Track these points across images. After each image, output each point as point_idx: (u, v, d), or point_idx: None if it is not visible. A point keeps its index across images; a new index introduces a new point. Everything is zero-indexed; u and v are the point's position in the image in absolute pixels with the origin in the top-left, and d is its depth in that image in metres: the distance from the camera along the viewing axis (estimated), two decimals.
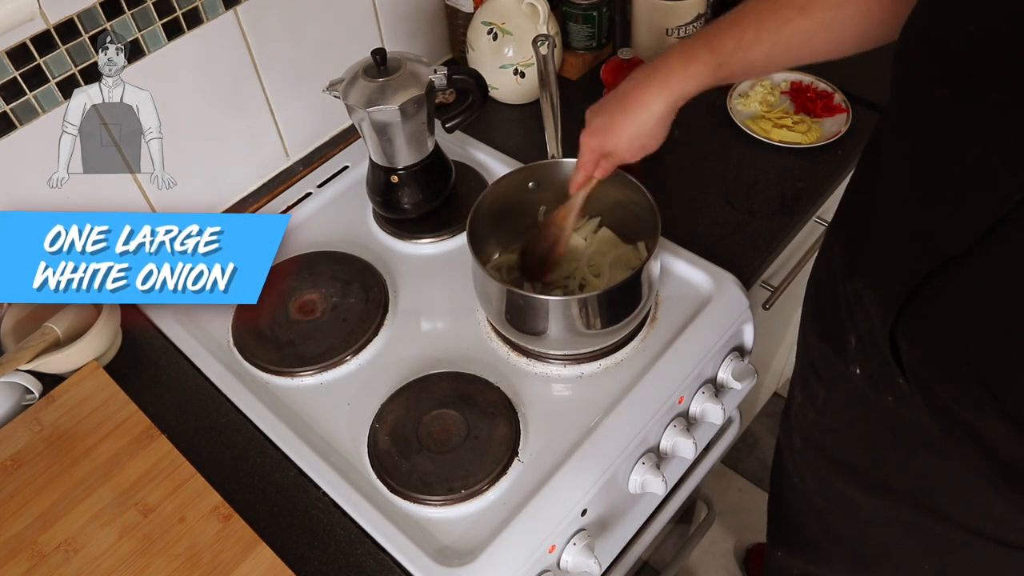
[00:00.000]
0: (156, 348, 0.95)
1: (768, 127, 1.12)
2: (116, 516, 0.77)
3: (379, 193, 1.02)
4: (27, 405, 0.88)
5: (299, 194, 1.10)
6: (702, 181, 1.08)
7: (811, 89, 1.16)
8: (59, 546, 0.75)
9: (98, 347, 0.90)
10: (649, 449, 0.88)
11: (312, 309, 0.96)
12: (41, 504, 0.78)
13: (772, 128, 1.12)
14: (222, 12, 0.95)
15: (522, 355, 0.90)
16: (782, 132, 1.11)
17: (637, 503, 0.91)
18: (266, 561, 0.74)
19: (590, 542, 0.81)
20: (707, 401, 0.91)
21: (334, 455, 0.85)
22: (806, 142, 1.10)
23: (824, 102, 1.15)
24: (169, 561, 0.74)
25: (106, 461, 0.81)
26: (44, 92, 0.84)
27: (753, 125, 1.13)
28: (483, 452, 0.82)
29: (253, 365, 0.92)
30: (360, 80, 0.92)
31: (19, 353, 0.85)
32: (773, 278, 1.09)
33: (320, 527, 0.80)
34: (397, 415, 0.85)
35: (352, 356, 0.91)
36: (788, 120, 1.13)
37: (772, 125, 1.12)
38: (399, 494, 0.80)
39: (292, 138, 1.13)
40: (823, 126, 1.12)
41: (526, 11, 1.13)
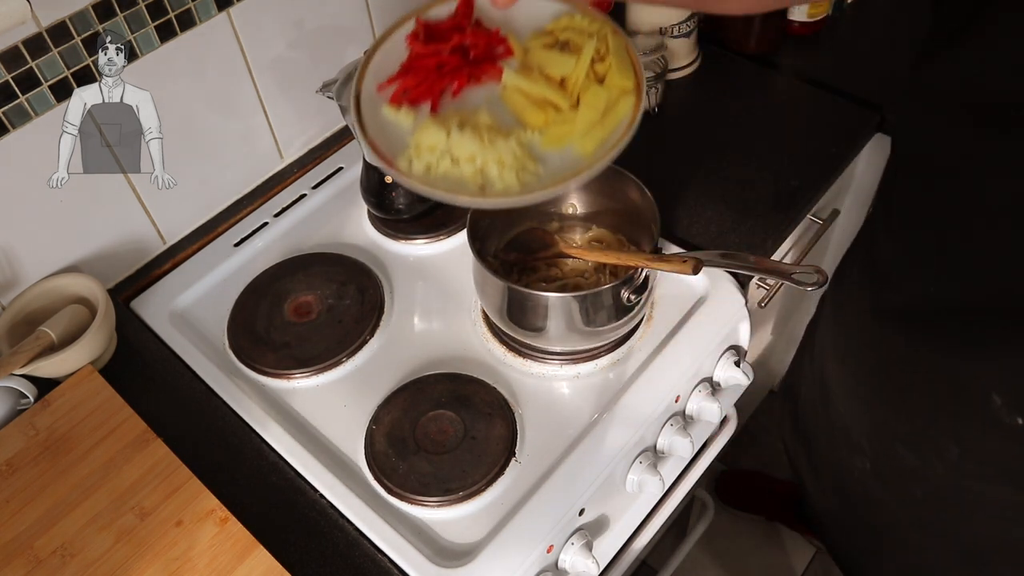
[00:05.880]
0: (151, 351, 0.94)
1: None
2: (112, 520, 0.77)
3: (373, 194, 1.02)
4: (22, 410, 0.87)
5: (293, 196, 1.10)
6: (697, 179, 1.08)
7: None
8: (55, 551, 0.75)
9: (93, 351, 0.90)
10: (646, 448, 0.88)
11: (307, 311, 0.95)
12: (37, 509, 0.78)
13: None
14: (215, 14, 0.95)
15: (518, 355, 0.90)
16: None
17: (635, 502, 0.91)
18: (263, 564, 0.74)
19: (588, 542, 0.81)
20: (704, 400, 0.91)
21: (331, 457, 0.85)
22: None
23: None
24: (166, 565, 0.74)
25: (102, 465, 0.81)
26: (36, 95, 0.84)
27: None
28: (480, 453, 0.82)
29: (249, 367, 0.91)
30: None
31: (13, 357, 0.85)
32: (769, 277, 1.09)
33: (317, 529, 0.79)
34: (394, 416, 0.85)
35: (348, 358, 0.91)
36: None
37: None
38: (396, 495, 0.80)
39: (286, 140, 1.13)
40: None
41: None
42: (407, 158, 0.62)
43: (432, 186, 0.60)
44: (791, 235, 1.09)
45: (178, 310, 0.99)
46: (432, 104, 0.65)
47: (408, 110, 0.65)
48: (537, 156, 0.63)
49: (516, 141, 0.62)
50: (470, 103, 0.66)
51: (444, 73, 0.65)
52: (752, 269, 0.84)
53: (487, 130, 0.63)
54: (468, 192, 0.61)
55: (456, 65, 0.66)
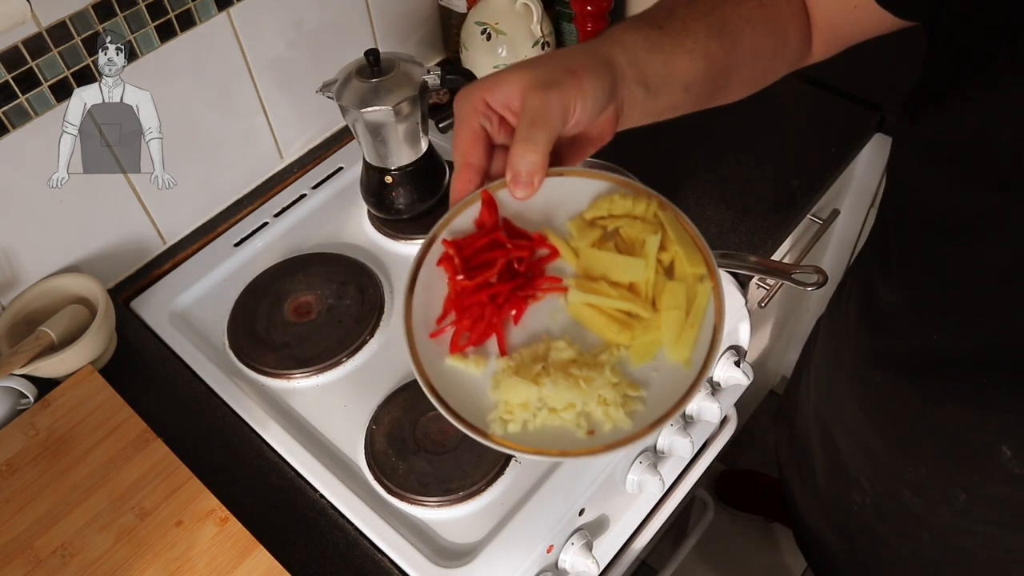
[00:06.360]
0: (151, 351, 0.94)
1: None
2: (112, 520, 0.77)
3: (373, 194, 1.02)
4: (22, 410, 0.87)
5: (293, 196, 1.10)
6: (696, 179, 1.08)
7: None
8: (55, 550, 0.75)
9: (93, 351, 0.90)
10: (646, 448, 0.88)
11: (307, 311, 0.95)
12: (37, 509, 0.78)
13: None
14: (215, 14, 0.95)
15: None
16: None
17: (635, 502, 0.91)
18: (263, 564, 0.74)
19: (588, 542, 0.81)
20: (704, 400, 0.91)
21: (331, 457, 0.85)
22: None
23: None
24: (166, 565, 0.74)
25: (102, 465, 0.81)
26: (36, 95, 0.84)
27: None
28: (480, 453, 0.82)
29: (249, 367, 0.91)
30: (354, 81, 0.92)
31: (13, 357, 0.85)
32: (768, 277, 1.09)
33: (318, 529, 0.79)
34: (394, 416, 0.85)
35: (348, 358, 0.91)
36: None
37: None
38: (396, 495, 0.80)
39: (286, 140, 1.13)
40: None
41: (520, 11, 1.13)
42: (499, 420, 0.53)
43: (536, 446, 0.52)
44: (791, 235, 1.09)
45: (178, 310, 0.99)
46: (500, 344, 0.56)
47: (475, 355, 0.56)
48: (634, 378, 0.55)
49: (609, 370, 0.55)
50: (537, 328, 0.57)
51: (500, 304, 0.57)
52: (752, 269, 0.84)
53: (575, 366, 0.55)
54: (578, 443, 0.53)
55: (510, 290, 0.57)
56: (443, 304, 0.58)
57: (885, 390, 0.72)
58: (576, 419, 0.54)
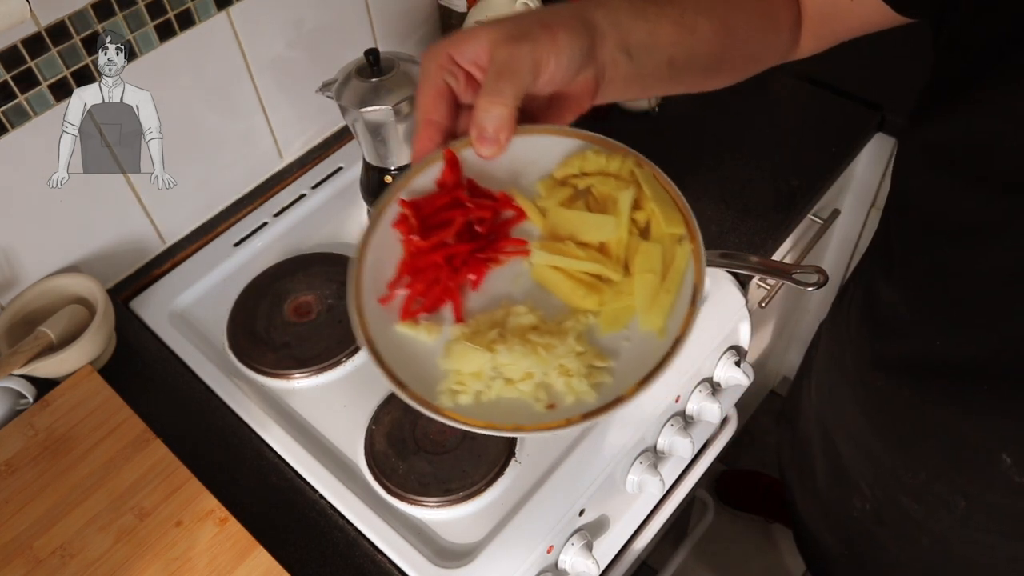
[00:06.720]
0: (151, 351, 0.94)
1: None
2: (112, 521, 0.77)
3: (373, 193, 1.02)
4: (21, 410, 0.87)
5: (293, 196, 1.10)
6: (696, 179, 1.08)
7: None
8: (55, 551, 0.75)
9: (92, 351, 0.90)
10: (646, 448, 0.88)
11: (307, 311, 0.95)
12: (36, 509, 0.78)
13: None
14: (215, 13, 0.95)
15: None
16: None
17: (635, 503, 0.91)
18: (263, 565, 0.74)
19: (588, 542, 0.81)
20: (704, 400, 0.91)
21: (331, 457, 0.84)
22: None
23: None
24: (165, 565, 0.74)
25: (101, 465, 0.81)
26: (36, 95, 0.84)
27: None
28: (480, 453, 0.81)
29: (248, 367, 0.91)
30: (353, 81, 0.92)
31: (12, 357, 0.85)
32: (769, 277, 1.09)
33: (317, 530, 0.79)
34: (394, 416, 0.85)
35: (348, 358, 0.91)
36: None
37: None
38: (396, 496, 0.80)
39: (286, 140, 1.13)
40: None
41: (519, 11, 1.13)
42: (448, 391, 0.49)
43: (488, 419, 0.47)
44: (791, 235, 1.09)
45: (178, 310, 0.99)
46: (455, 310, 0.51)
47: (427, 322, 0.51)
48: (602, 347, 0.50)
49: (574, 337, 0.49)
50: (498, 293, 0.52)
51: (458, 266, 0.52)
52: (752, 269, 0.84)
53: (535, 333, 0.50)
54: (535, 418, 0.48)
55: (468, 252, 0.52)
56: (397, 268, 0.53)
57: (886, 393, 0.72)
58: (535, 391, 0.49)
